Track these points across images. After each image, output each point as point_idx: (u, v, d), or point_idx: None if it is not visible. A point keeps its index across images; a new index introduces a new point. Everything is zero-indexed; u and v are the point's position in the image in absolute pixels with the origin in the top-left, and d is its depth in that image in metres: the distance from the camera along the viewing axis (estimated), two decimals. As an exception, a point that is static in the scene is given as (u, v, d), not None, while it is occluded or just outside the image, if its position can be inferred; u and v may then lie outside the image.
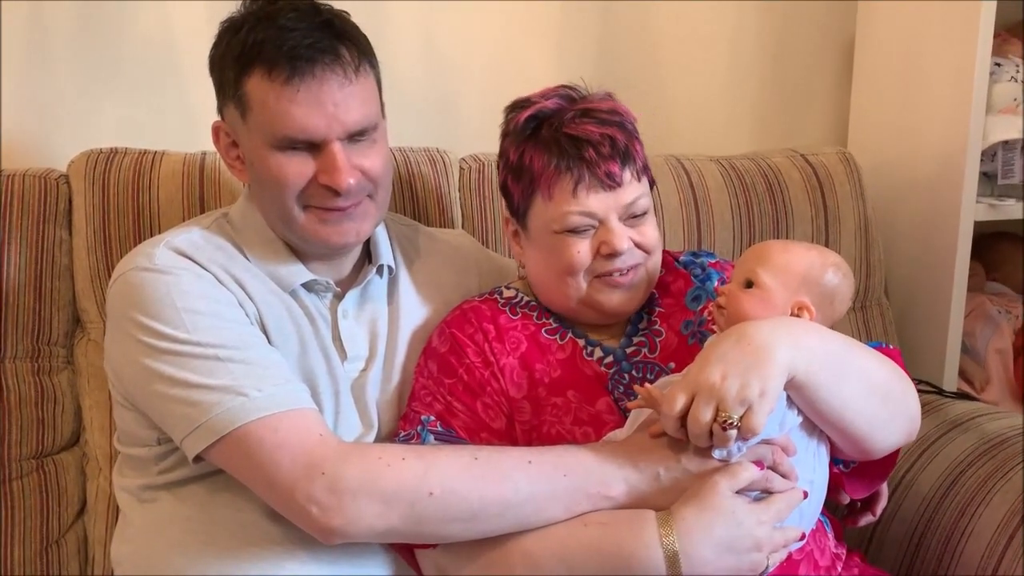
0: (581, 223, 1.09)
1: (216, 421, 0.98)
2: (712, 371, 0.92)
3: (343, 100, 1.04)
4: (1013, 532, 1.22)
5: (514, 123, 1.13)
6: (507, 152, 1.15)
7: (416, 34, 1.69)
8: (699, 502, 0.94)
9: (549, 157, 1.09)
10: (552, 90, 1.15)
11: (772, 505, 0.97)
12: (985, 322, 1.84)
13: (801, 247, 1.07)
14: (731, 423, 0.90)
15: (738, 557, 0.94)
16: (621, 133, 1.10)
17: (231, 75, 1.06)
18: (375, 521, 0.96)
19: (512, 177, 1.14)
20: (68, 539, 1.34)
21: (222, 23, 1.09)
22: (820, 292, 1.03)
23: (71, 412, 1.36)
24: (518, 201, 1.14)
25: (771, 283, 1.02)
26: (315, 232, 1.10)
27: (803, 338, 0.97)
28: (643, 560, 0.93)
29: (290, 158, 1.06)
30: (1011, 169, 1.68)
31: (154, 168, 1.39)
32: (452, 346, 1.14)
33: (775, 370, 0.92)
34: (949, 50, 1.62)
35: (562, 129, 1.10)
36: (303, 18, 1.05)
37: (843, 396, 0.99)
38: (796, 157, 1.69)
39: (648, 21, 1.82)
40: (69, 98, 1.55)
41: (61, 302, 1.36)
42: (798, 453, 1.00)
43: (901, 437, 1.07)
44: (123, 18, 1.55)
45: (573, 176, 1.08)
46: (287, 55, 1.02)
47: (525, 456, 1.00)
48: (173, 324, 1.02)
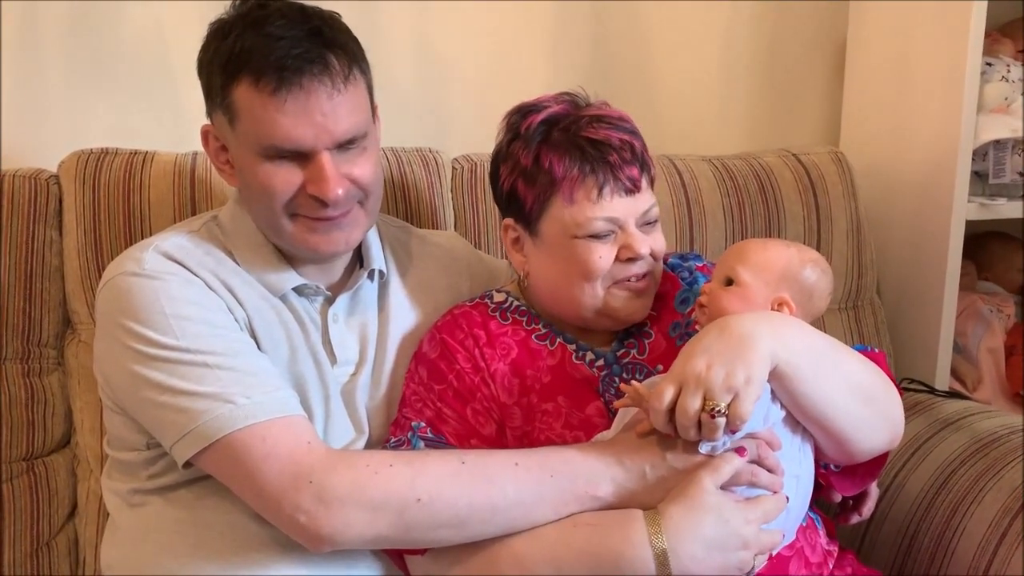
0: (604, 228, 1.08)
1: (205, 428, 0.98)
2: (697, 362, 0.93)
3: (332, 110, 1.03)
4: (1005, 530, 1.22)
5: (526, 126, 1.11)
6: (516, 155, 1.11)
7: (408, 34, 1.69)
8: (685, 500, 0.94)
9: (571, 160, 1.07)
10: (554, 96, 1.14)
11: (759, 505, 0.97)
12: (977, 321, 1.84)
13: (780, 244, 1.09)
14: (719, 411, 0.91)
15: (726, 555, 0.94)
16: (637, 140, 1.11)
17: (218, 81, 1.05)
18: (364, 529, 0.96)
19: (524, 181, 1.11)
20: (59, 541, 1.33)
21: (210, 25, 1.08)
22: (799, 288, 1.05)
23: (61, 414, 1.36)
24: (531, 205, 1.11)
25: (751, 280, 1.04)
26: (304, 241, 1.09)
27: (783, 330, 0.98)
28: (632, 560, 0.93)
29: (278, 167, 1.05)
30: (1002, 168, 1.69)
31: (145, 169, 1.38)
32: (442, 352, 1.14)
33: (758, 357, 0.93)
34: (940, 50, 1.62)
35: (580, 133, 1.08)
36: (291, 25, 1.03)
37: (824, 390, 1.00)
38: (788, 157, 1.69)
39: (640, 21, 1.82)
40: (59, 99, 1.55)
41: (51, 303, 1.35)
42: (783, 448, 1.01)
43: (883, 442, 1.07)
44: (114, 19, 1.55)
45: (598, 180, 1.07)
46: (274, 65, 1.00)
47: (511, 459, 1.00)
48: (162, 330, 1.01)
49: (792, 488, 1.02)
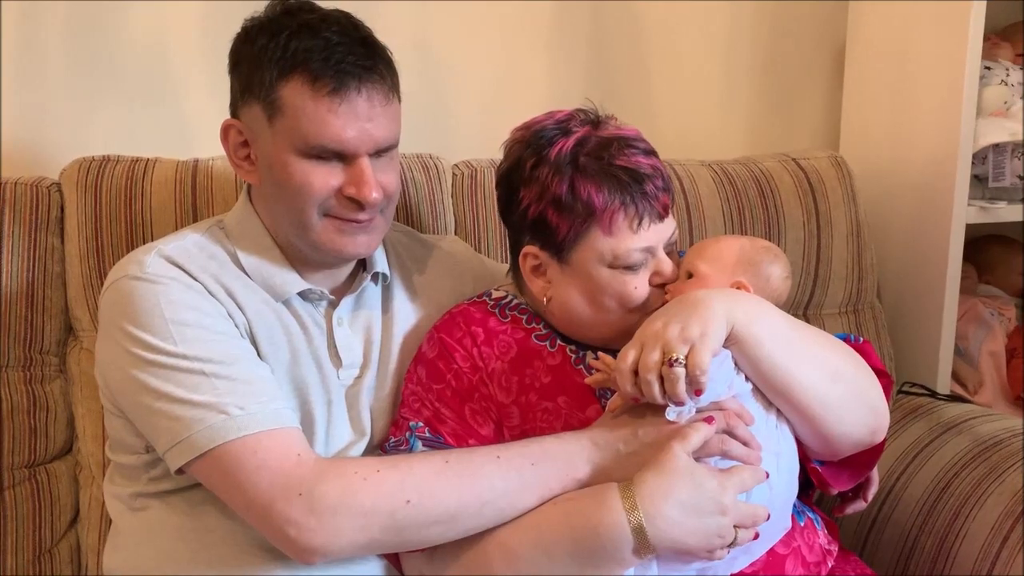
0: (642, 259, 1.09)
1: (197, 438, 0.99)
2: (655, 323, 0.99)
3: (376, 117, 1.06)
4: (1007, 534, 1.22)
5: (556, 152, 1.08)
6: (545, 182, 1.08)
7: (408, 39, 1.69)
8: (657, 466, 0.96)
9: (611, 191, 1.06)
10: (567, 115, 1.12)
11: (735, 474, 0.98)
12: (978, 324, 1.84)
13: (732, 237, 1.17)
14: (677, 360, 0.94)
15: (702, 519, 0.95)
16: (661, 164, 1.11)
17: (266, 77, 1.06)
18: (356, 535, 0.97)
19: (557, 210, 1.07)
20: (61, 548, 1.33)
21: (249, 21, 1.10)
22: (755, 272, 1.11)
23: (64, 421, 1.36)
24: (564, 234, 1.08)
25: (708, 270, 1.10)
26: (330, 241, 1.10)
27: (740, 299, 1.03)
28: (610, 526, 0.94)
29: (316, 167, 1.07)
30: (1002, 172, 1.69)
31: (146, 176, 1.38)
32: (441, 351, 1.14)
33: (713, 315, 0.98)
34: (940, 53, 1.63)
35: (614, 162, 1.07)
36: (345, 32, 1.06)
37: (786, 360, 1.02)
38: (788, 161, 1.70)
39: (640, 25, 1.83)
40: (61, 106, 1.55)
41: (53, 310, 1.35)
42: (756, 423, 1.03)
43: (862, 429, 1.08)
44: (116, 26, 1.55)
45: (638, 211, 1.07)
46: (334, 67, 1.04)
47: (493, 452, 1.02)
48: (161, 335, 1.02)
49: (772, 465, 1.03)
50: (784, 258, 1.14)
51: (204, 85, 1.58)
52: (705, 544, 0.95)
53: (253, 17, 1.10)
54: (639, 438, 1.00)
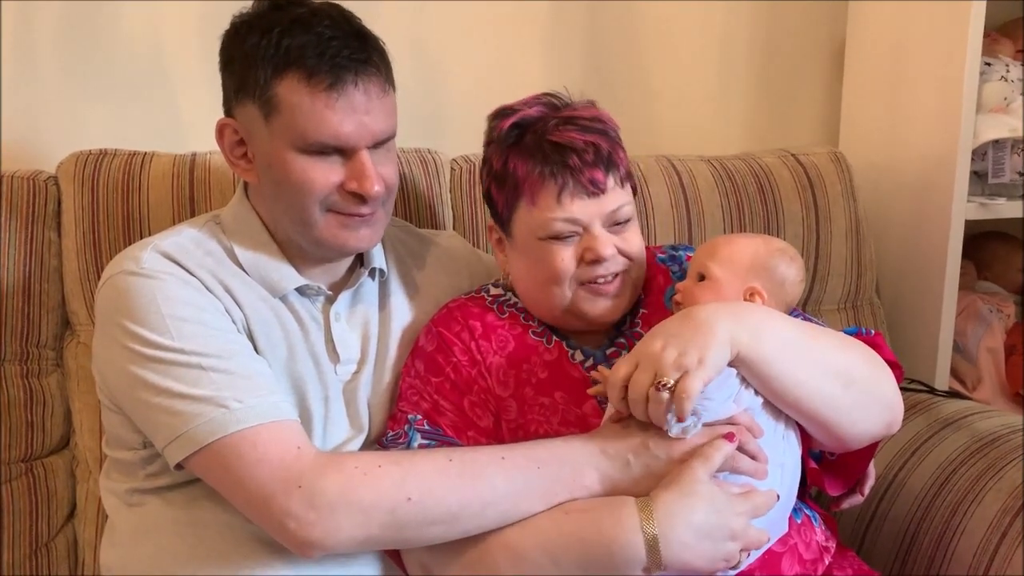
0: (565, 230, 1.09)
1: (197, 432, 0.98)
2: (655, 343, 0.97)
3: (373, 110, 1.06)
4: (1006, 530, 1.22)
5: (497, 131, 1.14)
6: (490, 159, 1.15)
7: (405, 35, 1.69)
8: (678, 487, 0.95)
9: (533, 164, 1.10)
10: (535, 98, 1.16)
11: (750, 499, 0.98)
12: (977, 321, 1.84)
13: (745, 237, 1.13)
14: (664, 384, 0.93)
15: (715, 545, 0.95)
16: (604, 140, 1.11)
17: (260, 75, 1.05)
18: (355, 531, 0.96)
19: (496, 184, 1.14)
20: (58, 542, 1.33)
21: (237, 18, 1.08)
22: (769, 276, 1.09)
23: (60, 415, 1.36)
24: (502, 208, 1.14)
25: (721, 273, 1.08)
26: (334, 236, 1.10)
27: (747, 317, 1.00)
28: (624, 545, 0.94)
29: (316, 163, 1.06)
30: (1001, 168, 1.69)
31: (143, 169, 1.38)
32: (439, 344, 1.14)
33: (715, 341, 0.96)
34: (939, 50, 1.62)
35: (546, 136, 1.10)
36: (339, 26, 1.06)
37: (796, 376, 1.01)
38: (787, 157, 1.69)
39: (637, 22, 1.83)
40: (58, 100, 1.55)
41: (50, 304, 1.35)
42: (765, 435, 1.02)
43: (878, 426, 1.08)
44: (111, 21, 1.55)
45: (557, 183, 1.09)
46: (329, 62, 1.03)
47: (498, 453, 1.01)
48: (158, 331, 1.01)
49: (777, 476, 1.03)
50: (799, 259, 1.12)
51: (201, 79, 1.57)
52: (711, 567, 0.95)
53: (242, 13, 1.08)
54: (650, 450, 0.99)
